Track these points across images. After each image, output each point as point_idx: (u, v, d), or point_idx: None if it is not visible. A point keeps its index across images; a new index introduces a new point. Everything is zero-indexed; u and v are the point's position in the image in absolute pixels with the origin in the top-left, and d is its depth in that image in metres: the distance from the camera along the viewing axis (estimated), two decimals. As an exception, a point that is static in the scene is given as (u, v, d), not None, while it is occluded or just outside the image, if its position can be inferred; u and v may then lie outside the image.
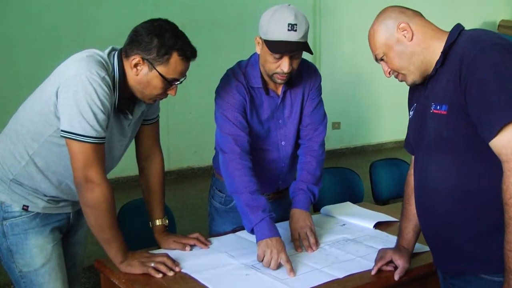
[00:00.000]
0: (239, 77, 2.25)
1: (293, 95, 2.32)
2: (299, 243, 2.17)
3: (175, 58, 1.84)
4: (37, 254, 1.98)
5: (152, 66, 1.84)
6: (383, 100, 8.19)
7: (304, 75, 2.34)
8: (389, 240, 2.27)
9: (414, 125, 1.80)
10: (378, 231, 2.42)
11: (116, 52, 1.91)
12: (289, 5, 2.10)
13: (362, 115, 7.80)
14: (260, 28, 2.11)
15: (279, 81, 2.17)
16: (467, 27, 1.72)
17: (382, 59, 1.75)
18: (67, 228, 2.11)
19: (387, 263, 1.97)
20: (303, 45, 2.08)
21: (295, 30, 2.03)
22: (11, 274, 2.02)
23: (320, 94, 2.41)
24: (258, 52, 2.18)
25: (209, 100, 6.97)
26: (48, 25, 5.25)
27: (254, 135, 2.28)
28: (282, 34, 2.03)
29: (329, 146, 2.48)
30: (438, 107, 1.62)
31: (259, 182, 2.17)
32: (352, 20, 7.45)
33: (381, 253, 2.00)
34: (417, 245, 2.10)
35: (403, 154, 6.17)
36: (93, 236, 1.91)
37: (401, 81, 1.76)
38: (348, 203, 2.82)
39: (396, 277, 1.93)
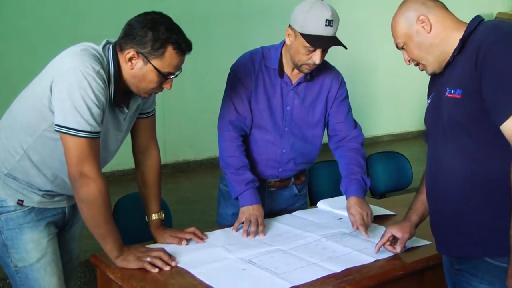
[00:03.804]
0: (254, 56, 2.41)
1: (308, 89, 2.43)
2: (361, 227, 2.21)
3: (170, 51, 1.82)
4: (32, 249, 1.96)
5: (146, 60, 1.83)
6: (379, 94, 8.19)
7: (325, 75, 2.45)
8: (386, 234, 2.26)
9: (430, 112, 1.83)
10: (375, 224, 2.41)
11: (111, 46, 1.89)
12: (322, 0, 2.20)
13: (358, 109, 7.71)
14: (295, 21, 2.21)
15: (306, 70, 2.31)
16: (464, 19, 1.74)
17: (403, 48, 1.80)
18: (62, 222, 2.10)
19: (391, 243, 2.05)
20: (337, 40, 2.21)
21: (331, 26, 2.18)
22: (6, 269, 2.01)
23: (348, 98, 2.52)
24: (288, 43, 2.28)
25: (205, 94, 6.96)
26: (42, 19, 5.22)
27: (259, 112, 2.41)
28: (319, 29, 2.16)
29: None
30: (452, 91, 1.66)
31: (259, 161, 2.46)
32: (348, 14, 7.41)
33: (384, 233, 2.06)
34: (415, 238, 2.13)
35: (400, 147, 6.14)
36: (88, 230, 1.89)
37: (422, 70, 1.82)
38: (345, 197, 2.81)
39: (398, 249, 2.02)
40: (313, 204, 3.06)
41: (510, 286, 1.56)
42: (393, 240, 2.06)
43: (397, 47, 1.83)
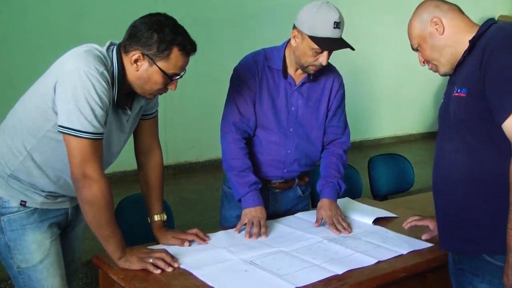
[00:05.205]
0: (257, 57, 2.43)
1: (311, 89, 2.45)
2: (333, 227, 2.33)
3: (175, 53, 1.83)
4: (35, 250, 1.97)
5: (152, 61, 1.83)
6: (381, 96, 8.19)
7: (328, 75, 2.47)
8: (388, 236, 2.27)
9: (441, 110, 1.87)
10: (377, 226, 2.42)
11: (115, 47, 1.89)
12: (328, 2, 2.23)
13: (360, 111, 7.79)
14: (302, 23, 2.23)
15: (312, 71, 2.34)
16: None
17: (417, 49, 1.86)
18: (65, 223, 2.10)
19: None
20: (345, 42, 2.24)
21: (339, 28, 2.22)
22: (9, 270, 2.01)
23: (344, 101, 2.55)
24: (294, 45, 2.30)
25: (207, 95, 6.95)
26: (45, 19, 5.23)
27: (264, 113, 2.43)
28: (328, 31, 2.19)
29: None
30: (458, 90, 1.71)
31: (264, 161, 2.47)
32: (350, 16, 7.43)
33: (422, 217, 2.26)
34: (418, 241, 2.16)
35: (402, 150, 6.13)
36: (91, 231, 1.89)
37: (435, 71, 1.87)
38: (347, 199, 2.82)
39: (423, 237, 2.20)
40: (314, 205, 3.06)
41: (505, 283, 1.58)
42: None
43: (412, 49, 1.88)
